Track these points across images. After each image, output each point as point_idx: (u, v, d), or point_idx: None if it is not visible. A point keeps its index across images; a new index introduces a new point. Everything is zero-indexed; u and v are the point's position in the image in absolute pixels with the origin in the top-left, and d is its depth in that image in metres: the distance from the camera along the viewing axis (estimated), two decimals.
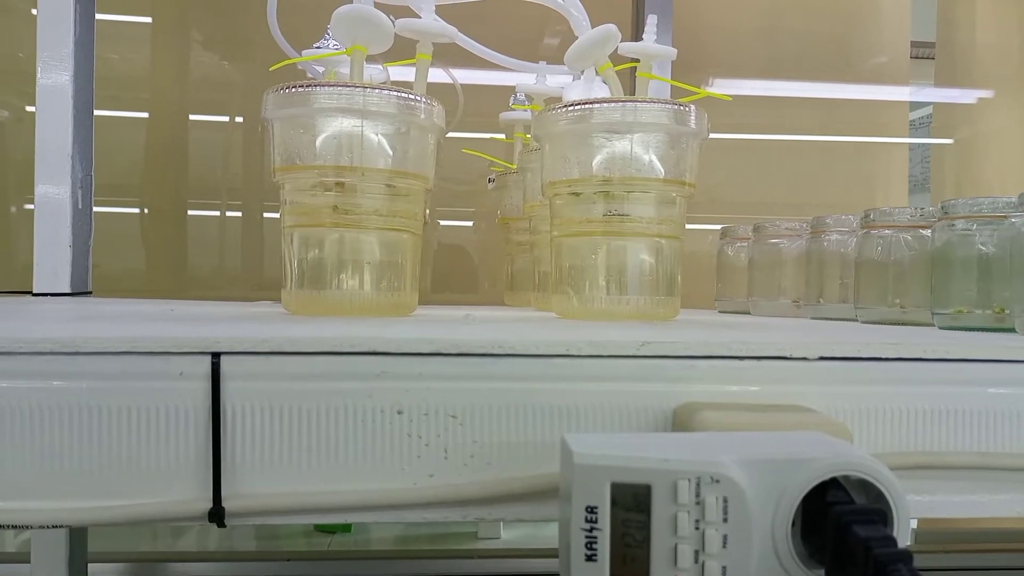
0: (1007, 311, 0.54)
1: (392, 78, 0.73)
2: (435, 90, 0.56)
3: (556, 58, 0.60)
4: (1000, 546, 1.22)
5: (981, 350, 0.37)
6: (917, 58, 1.36)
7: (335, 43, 0.64)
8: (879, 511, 0.27)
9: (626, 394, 0.35)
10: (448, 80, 0.83)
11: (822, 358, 0.35)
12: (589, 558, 0.27)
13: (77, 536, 0.88)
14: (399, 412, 0.34)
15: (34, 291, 0.87)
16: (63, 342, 0.33)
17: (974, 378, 0.36)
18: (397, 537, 1.30)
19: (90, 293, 0.92)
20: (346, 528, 1.29)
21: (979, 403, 0.36)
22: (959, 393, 0.36)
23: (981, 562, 1.18)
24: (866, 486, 0.28)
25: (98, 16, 0.95)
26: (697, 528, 0.27)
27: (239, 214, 1.25)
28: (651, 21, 0.58)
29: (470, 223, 1.30)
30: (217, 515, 0.33)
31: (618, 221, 0.54)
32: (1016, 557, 1.19)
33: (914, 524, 1.27)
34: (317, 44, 0.66)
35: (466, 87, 0.84)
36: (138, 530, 1.24)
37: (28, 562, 0.87)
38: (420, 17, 0.57)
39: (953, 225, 0.57)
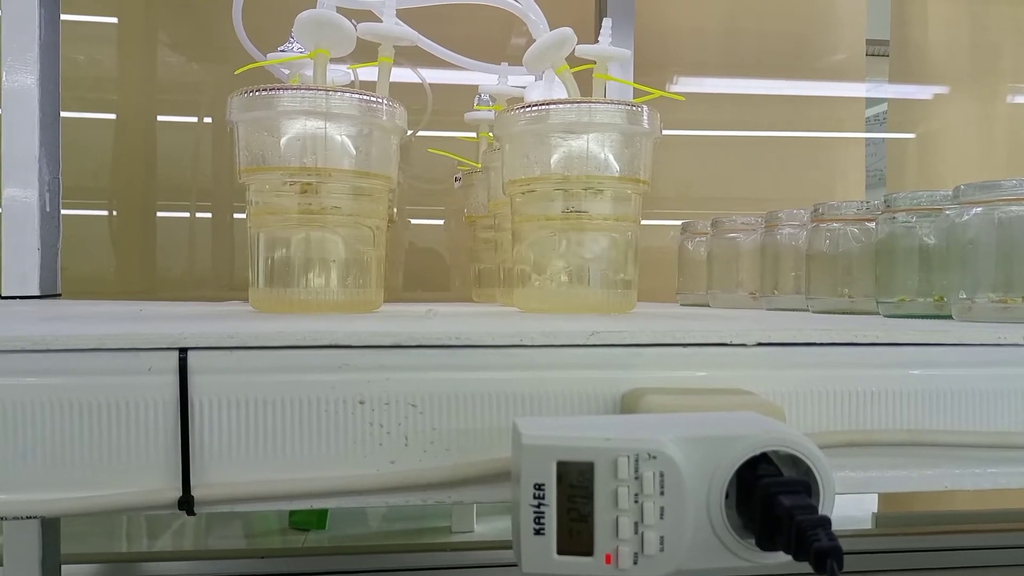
0: (945, 299, 0.57)
1: (361, 79, 0.74)
2: (405, 89, 0.57)
3: (522, 58, 0.62)
4: (958, 527, 1.26)
5: (908, 334, 0.39)
6: (872, 55, 1.40)
7: (299, 46, 0.65)
8: (803, 482, 0.29)
9: (576, 381, 0.37)
10: (418, 80, 0.85)
11: (760, 344, 0.38)
12: (537, 532, 0.29)
13: (49, 537, 0.88)
14: (361, 402, 0.36)
15: (2, 294, 0.88)
16: (34, 340, 0.34)
17: (901, 360, 0.39)
18: (372, 533, 1.32)
19: (59, 295, 0.93)
20: (321, 525, 1.30)
21: (906, 384, 0.39)
22: (888, 375, 0.39)
23: (939, 543, 1.22)
24: (795, 462, 0.30)
25: (63, 17, 0.95)
26: (636, 501, 0.29)
27: (209, 215, 1.25)
28: (606, 24, 0.60)
29: (441, 221, 1.32)
30: (187, 503, 0.34)
31: (576, 217, 0.56)
32: (973, 538, 1.24)
33: (875, 509, 1.31)
34: (282, 47, 0.67)
35: (435, 87, 0.85)
36: (112, 530, 1.25)
37: (0, 565, 0.87)
38: (381, 21, 0.58)
39: (895, 218, 0.60)
